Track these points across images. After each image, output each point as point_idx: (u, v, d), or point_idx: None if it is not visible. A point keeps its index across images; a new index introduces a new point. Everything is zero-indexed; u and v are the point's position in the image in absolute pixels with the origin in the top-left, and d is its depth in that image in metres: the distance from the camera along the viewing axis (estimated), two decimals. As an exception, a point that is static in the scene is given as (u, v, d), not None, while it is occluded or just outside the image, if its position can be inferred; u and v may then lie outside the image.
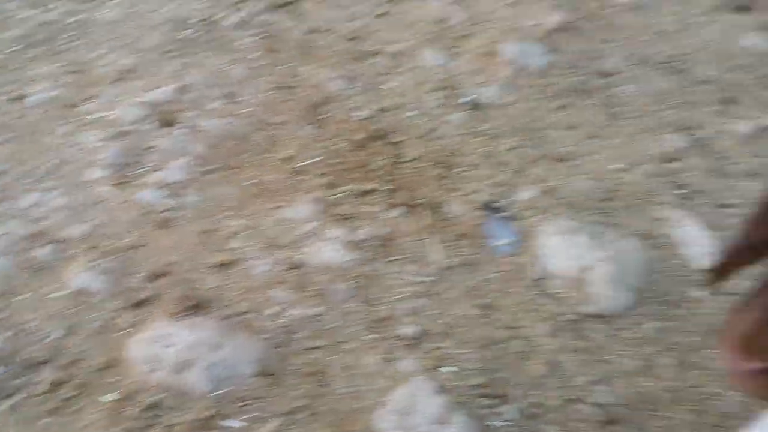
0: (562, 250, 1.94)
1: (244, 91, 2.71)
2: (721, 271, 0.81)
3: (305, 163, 2.35)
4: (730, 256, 0.81)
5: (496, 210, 2.21)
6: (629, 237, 2.05)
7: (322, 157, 2.38)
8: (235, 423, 1.55)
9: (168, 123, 2.53)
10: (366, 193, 2.26)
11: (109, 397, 1.63)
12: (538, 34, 3.35)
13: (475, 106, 2.76)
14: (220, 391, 1.62)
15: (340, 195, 2.22)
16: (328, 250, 1.99)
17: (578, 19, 3.59)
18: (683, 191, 2.38)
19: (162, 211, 2.17)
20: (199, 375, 1.61)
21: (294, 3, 3.36)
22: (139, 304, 1.85)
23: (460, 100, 2.79)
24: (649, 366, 1.72)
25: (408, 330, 1.77)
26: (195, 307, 1.82)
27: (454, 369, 1.67)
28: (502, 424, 1.57)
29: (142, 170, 2.34)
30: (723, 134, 2.80)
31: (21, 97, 2.69)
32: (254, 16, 3.21)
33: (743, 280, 0.75)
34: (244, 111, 2.59)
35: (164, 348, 1.65)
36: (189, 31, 3.10)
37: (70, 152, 2.42)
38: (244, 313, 1.81)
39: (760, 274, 0.69)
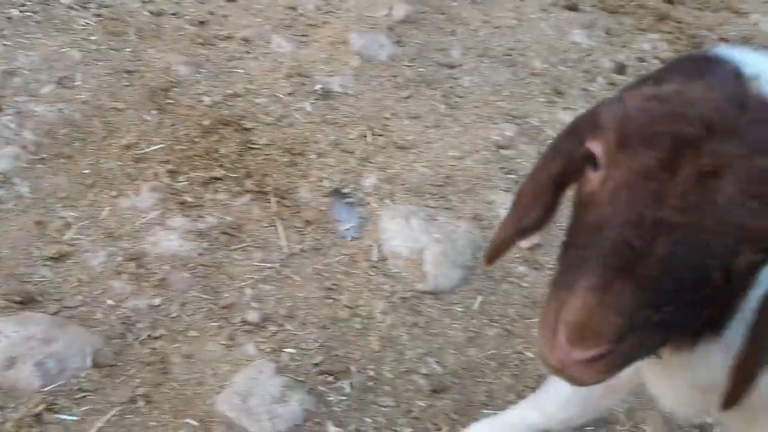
0: (400, 233, 2.06)
1: (81, 75, 2.57)
2: (496, 252, 0.93)
3: (147, 150, 2.28)
4: (503, 239, 0.93)
5: (343, 196, 2.29)
6: (461, 219, 2.22)
7: (165, 144, 2.33)
8: (69, 416, 1.51)
9: (-9, 109, 2.35)
10: (212, 180, 2.25)
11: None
12: (387, 25, 3.47)
13: (326, 94, 2.82)
14: (53, 386, 1.56)
15: (185, 183, 2.20)
16: (171, 239, 1.96)
17: (424, 11, 3.77)
18: (512, 176, 2.60)
19: (-14, 203, 2.02)
20: (29, 370, 1.54)
21: (137, -17, 3.22)
22: (-40, 303, 1.73)
23: (311, 88, 2.83)
24: (476, 337, 1.89)
25: (252, 315, 1.80)
26: (25, 301, 1.73)
27: (296, 350, 1.73)
28: (340, 398, 1.66)
29: (-39, 159, 2.15)
30: (550, 123, 3.09)
31: None
32: (94, -4, 3.04)
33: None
34: (79, 96, 2.45)
35: (-11, 346, 1.56)
36: (19, 10, 2.87)
37: None
38: (79, 306, 1.75)
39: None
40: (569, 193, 0.83)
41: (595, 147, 0.71)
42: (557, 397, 1.35)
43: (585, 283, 0.63)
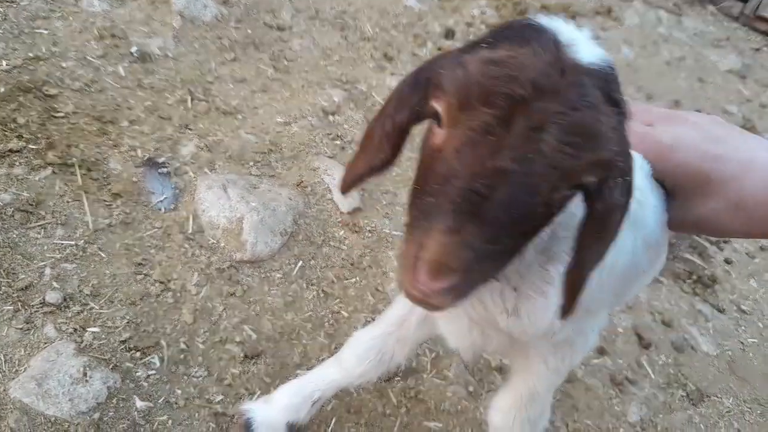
0: (219, 202, 2.03)
1: None
2: (348, 186, 1.00)
3: (-75, 120, 2.04)
4: (356, 175, 0.98)
5: (158, 166, 2.20)
6: (282, 187, 2.22)
7: (-52, 114, 2.09)
8: None
9: None
10: (8, 153, 2.06)
11: None
12: (213, -16, 3.32)
13: (142, 57, 2.66)
14: None
15: (-27, 157, 1.99)
16: (-47, 219, 1.78)
17: (255, -29, 3.64)
18: (338, 142, 2.64)
19: None
20: None
21: None
22: None
23: (126, 51, 2.66)
24: (293, 301, 1.92)
25: (52, 296, 1.70)
26: None
27: (101, 329, 1.66)
28: (149, 373, 1.63)
29: None
30: (378, 88, 3.16)
31: None
32: None
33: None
34: None
35: None
36: None
37: None
38: None
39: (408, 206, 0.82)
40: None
41: (439, 107, 0.79)
42: (354, 351, 1.43)
43: (440, 226, 0.73)
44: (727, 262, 3.03)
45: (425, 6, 4.13)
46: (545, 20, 0.83)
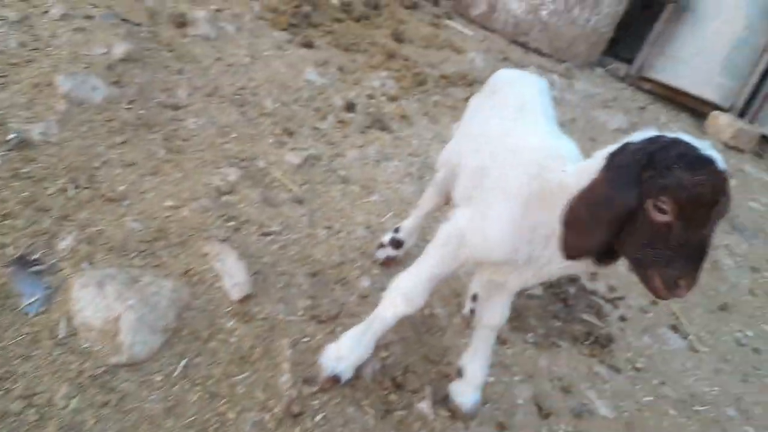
0: (94, 302, 1.92)
1: None
2: (586, 253, 1.62)
3: None
4: (588, 249, 1.60)
5: (30, 264, 2.07)
6: (167, 278, 2.14)
7: None
8: None
9: None
10: None
11: None
12: (105, 64, 3.26)
13: (21, 144, 2.54)
14: None
15: None
16: None
17: (150, 48, 3.61)
18: (232, 224, 2.59)
19: None
20: None
21: None
22: None
23: (3, 138, 2.54)
24: (174, 405, 1.82)
25: None
26: None
27: (-51, 460, 1.51)
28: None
29: None
30: (277, 164, 3.14)
31: None
32: None
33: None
34: None
35: None
36: None
37: None
38: None
39: None
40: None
41: (668, 206, 1.42)
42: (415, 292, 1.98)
43: (687, 266, 1.44)
44: (622, 319, 3.14)
45: (326, 79, 4.21)
46: (693, 143, 1.45)
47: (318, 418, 1.95)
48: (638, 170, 1.44)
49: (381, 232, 2.93)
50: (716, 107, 6.51)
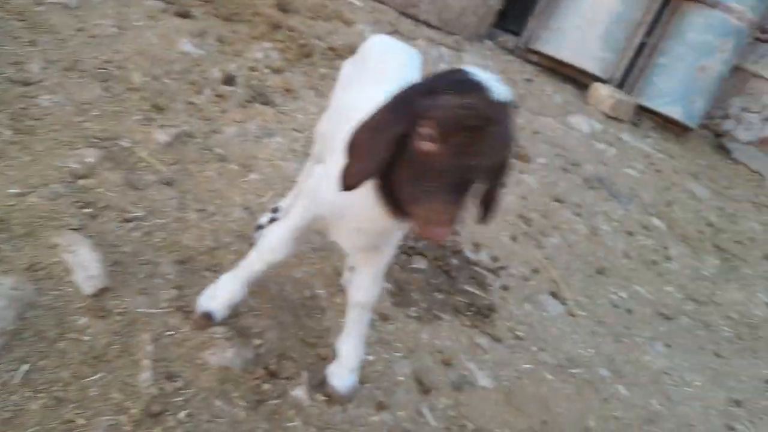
0: None
1: None
2: (360, 180, 1.50)
3: None
4: (361, 173, 1.50)
5: None
6: (7, 274, 1.93)
7: None
8: None
9: None
10: None
11: None
12: (-63, 35, 2.89)
13: None
14: None
15: None
16: None
17: (-5, 18, 3.25)
18: (89, 210, 2.38)
19: None
20: None
21: None
22: None
23: None
24: (13, 417, 1.64)
25: None
26: None
27: None
28: None
29: None
30: (143, 143, 2.93)
31: None
32: None
33: None
34: None
35: None
36: None
37: None
38: None
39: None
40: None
41: (428, 130, 1.36)
42: (272, 245, 2.02)
43: (447, 198, 1.34)
44: (504, 288, 3.21)
45: (203, 51, 3.97)
46: (471, 71, 1.41)
47: (181, 415, 1.84)
48: (415, 97, 1.41)
49: (260, 213, 2.81)
50: (597, 79, 6.79)
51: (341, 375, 2.10)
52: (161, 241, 2.42)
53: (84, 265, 2.08)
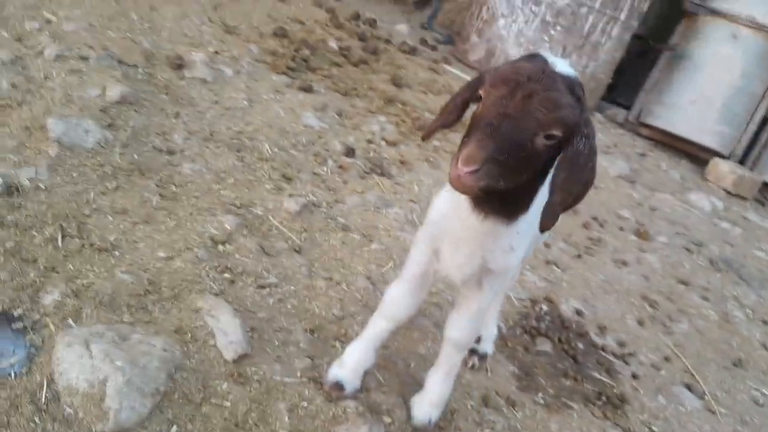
0: (77, 363, 1.78)
1: None
2: (430, 133, 1.81)
3: None
4: (433, 128, 1.78)
5: (12, 320, 1.93)
6: (158, 335, 2.00)
7: None
8: None
9: None
10: None
11: None
12: (99, 107, 3.18)
13: (8, 190, 2.43)
14: None
15: None
16: None
17: (146, 91, 3.54)
18: (227, 275, 2.46)
19: None
20: None
21: None
22: None
23: (-11, 184, 2.42)
24: (163, 479, 1.66)
25: None
26: None
27: None
28: None
29: None
30: (275, 211, 3.03)
31: None
32: None
33: None
34: None
35: None
36: None
37: None
38: None
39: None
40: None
41: (482, 91, 1.50)
42: (395, 303, 2.08)
43: (473, 139, 1.41)
44: (634, 376, 3.00)
45: (325, 124, 4.14)
46: (543, 54, 1.54)
47: (318, 492, 1.79)
48: (485, 72, 1.60)
49: (382, 283, 2.81)
50: (716, 154, 6.50)
51: (422, 407, 2.13)
52: (293, 308, 2.46)
53: (225, 330, 2.13)
